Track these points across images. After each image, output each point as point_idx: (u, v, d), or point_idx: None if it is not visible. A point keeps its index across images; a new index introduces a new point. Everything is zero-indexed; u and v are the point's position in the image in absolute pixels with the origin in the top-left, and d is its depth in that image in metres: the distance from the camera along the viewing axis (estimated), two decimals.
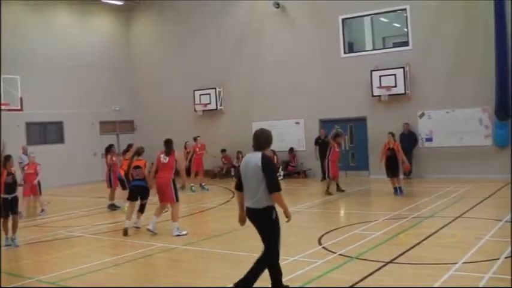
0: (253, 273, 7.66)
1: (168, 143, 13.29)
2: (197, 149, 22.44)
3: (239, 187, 7.87)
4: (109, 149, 18.98)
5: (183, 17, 29.83)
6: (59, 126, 28.58)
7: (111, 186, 18.48)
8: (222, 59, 28.39)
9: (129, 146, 17.96)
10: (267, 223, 7.76)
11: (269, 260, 7.76)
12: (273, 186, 7.53)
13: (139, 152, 14.11)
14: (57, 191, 20.34)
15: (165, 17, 31.11)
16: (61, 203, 19.81)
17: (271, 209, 7.70)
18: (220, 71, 28.35)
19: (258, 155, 7.62)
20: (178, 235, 12.72)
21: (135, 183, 13.77)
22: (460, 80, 21.73)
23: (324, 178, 24.02)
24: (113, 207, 18.25)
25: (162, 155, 13.15)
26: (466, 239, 10.70)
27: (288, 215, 7.87)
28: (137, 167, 13.75)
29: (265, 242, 7.79)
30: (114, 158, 18.70)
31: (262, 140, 7.78)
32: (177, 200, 13.06)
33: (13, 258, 11.71)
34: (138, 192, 13.77)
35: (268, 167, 7.57)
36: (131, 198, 13.91)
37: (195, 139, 23.11)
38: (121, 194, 17.64)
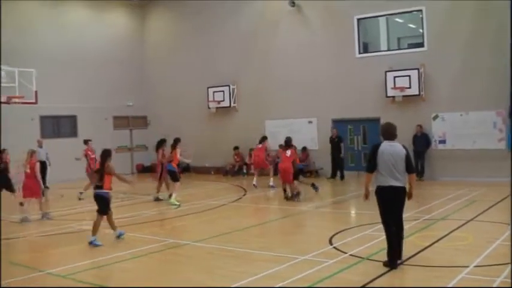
0: (399, 244, 9.19)
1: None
2: (89, 153, 21.24)
3: (373, 169, 9.30)
4: (161, 144, 19.48)
5: (198, 13, 29.86)
6: (72, 120, 28.73)
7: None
8: (236, 57, 28.40)
9: (177, 140, 18.74)
10: (403, 198, 9.33)
11: (403, 228, 9.42)
12: (412, 169, 9.43)
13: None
14: (70, 185, 20.41)
15: (179, 14, 31.15)
16: (73, 197, 19.88)
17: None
18: (234, 69, 28.37)
19: (398, 144, 9.33)
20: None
21: None
22: (474, 82, 21.60)
23: (332, 177, 24.15)
24: (157, 199, 18.86)
25: None
26: (477, 243, 10.65)
27: (412, 195, 9.51)
28: None
29: (396, 215, 9.28)
30: (164, 153, 19.24)
31: (395, 131, 9.47)
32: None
33: (25, 250, 11.80)
34: None
35: (409, 154, 9.38)
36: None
37: (85, 142, 21.61)
38: (172, 186, 18.45)
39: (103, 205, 12.18)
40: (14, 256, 11.16)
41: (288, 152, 17.96)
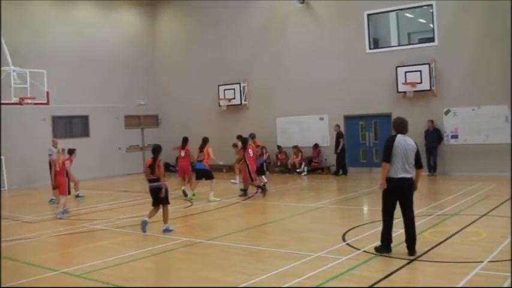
0: (414, 233, 9.69)
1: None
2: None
3: (390, 159, 9.53)
4: (186, 142, 19.94)
5: (208, 12, 29.88)
6: (84, 120, 28.86)
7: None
8: (246, 54, 28.43)
9: (206, 140, 19.09)
10: (412, 190, 9.74)
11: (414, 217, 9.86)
12: (421, 164, 9.81)
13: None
14: (82, 185, 20.51)
15: (189, 12, 31.18)
16: (86, 197, 19.97)
17: None
18: (244, 66, 28.39)
19: (411, 139, 9.71)
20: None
21: None
22: (486, 76, 21.52)
23: (335, 173, 24.18)
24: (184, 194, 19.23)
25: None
26: (491, 238, 10.62)
27: (416, 187, 9.88)
28: None
29: (408, 205, 9.74)
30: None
31: (407, 126, 9.85)
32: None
33: (38, 250, 11.85)
34: None
35: (419, 149, 9.80)
36: None
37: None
38: (195, 184, 18.94)
39: (158, 197, 13.04)
40: (28, 256, 11.22)
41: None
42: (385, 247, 9.72)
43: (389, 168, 9.54)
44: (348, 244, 10.64)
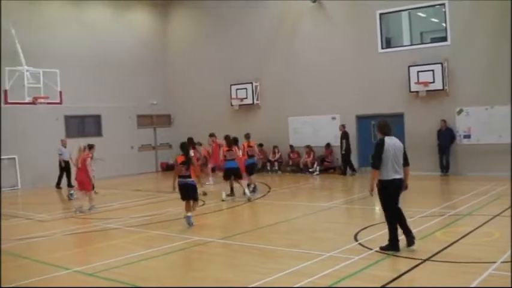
0: (406, 222, 9.96)
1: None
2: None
3: (380, 166, 9.72)
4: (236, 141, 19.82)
5: (219, 11, 29.92)
6: (96, 119, 28.98)
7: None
8: (258, 54, 28.43)
9: (237, 140, 19.35)
10: (401, 189, 9.96)
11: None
12: (408, 162, 10.02)
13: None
14: (95, 184, 20.63)
15: (201, 12, 31.21)
16: (98, 196, 20.06)
17: None
18: (256, 66, 28.39)
19: (396, 139, 9.94)
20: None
21: None
22: (499, 76, 21.35)
23: (343, 173, 24.16)
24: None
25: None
26: (504, 238, 10.52)
27: (407, 186, 10.19)
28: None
29: (397, 202, 9.93)
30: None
31: (392, 126, 10.12)
32: None
33: (51, 248, 11.92)
34: None
35: (405, 148, 10.03)
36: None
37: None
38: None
39: (189, 193, 13.56)
40: (41, 254, 11.30)
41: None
42: (393, 246, 9.78)
43: (381, 171, 9.72)
44: (360, 244, 10.62)
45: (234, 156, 18.37)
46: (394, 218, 9.87)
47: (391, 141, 9.81)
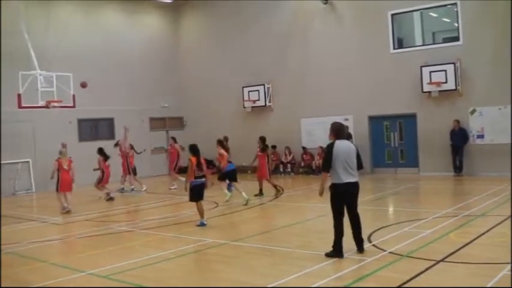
0: (360, 233, 9.98)
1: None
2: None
3: (330, 168, 9.75)
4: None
5: (231, 13, 30.00)
6: (109, 122, 29.11)
7: None
8: (270, 55, 28.45)
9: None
10: (357, 192, 10.00)
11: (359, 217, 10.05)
12: (362, 165, 10.11)
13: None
14: (107, 186, 20.73)
15: (212, 14, 31.30)
16: (101, 199, 20.19)
17: None
18: (268, 68, 28.42)
19: (349, 142, 10.03)
20: None
21: None
22: None
23: None
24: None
25: None
26: None
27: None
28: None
29: (353, 208, 9.97)
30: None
31: (346, 130, 10.34)
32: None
33: (66, 251, 12.00)
34: None
35: (359, 151, 10.08)
36: None
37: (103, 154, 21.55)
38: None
39: (202, 193, 14.14)
40: (56, 257, 11.38)
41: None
42: (337, 253, 9.79)
43: (332, 174, 9.81)
44: (373, 245, 10.60)
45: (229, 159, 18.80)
46: (341, 222, 9.88)
47: (342, 145, 9.80)
